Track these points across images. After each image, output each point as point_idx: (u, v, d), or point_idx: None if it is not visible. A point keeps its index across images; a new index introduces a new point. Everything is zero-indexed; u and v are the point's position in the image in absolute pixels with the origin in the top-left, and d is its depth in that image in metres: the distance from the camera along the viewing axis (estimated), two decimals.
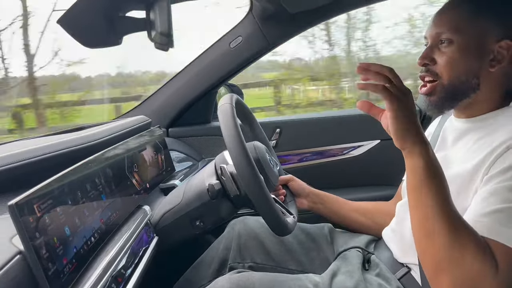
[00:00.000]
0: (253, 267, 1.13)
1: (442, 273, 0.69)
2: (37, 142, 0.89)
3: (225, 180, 0.99)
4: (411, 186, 0.75)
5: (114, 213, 0.85)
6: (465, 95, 0.87)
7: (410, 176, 0.75)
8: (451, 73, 0.86)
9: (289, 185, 1.25)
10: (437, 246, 0.69)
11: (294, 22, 1.49)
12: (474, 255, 0.67)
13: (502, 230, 0.69)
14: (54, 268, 0.61)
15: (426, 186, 0.72)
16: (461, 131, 0.92)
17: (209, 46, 1.61)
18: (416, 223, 0.74)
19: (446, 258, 0.68)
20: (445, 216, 0.70)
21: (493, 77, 0.86)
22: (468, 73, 0.86)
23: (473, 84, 0.86)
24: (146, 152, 1.13)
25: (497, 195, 0.72)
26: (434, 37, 0.89)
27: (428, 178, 0.72)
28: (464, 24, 0.85)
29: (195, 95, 1.66)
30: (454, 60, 0.86)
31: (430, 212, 0.71)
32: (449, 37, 0.86)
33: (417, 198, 0.74)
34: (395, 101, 0.71)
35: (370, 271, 1.03)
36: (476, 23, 0.85)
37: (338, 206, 1.24)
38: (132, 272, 0.84)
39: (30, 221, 0.58)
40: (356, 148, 1.73)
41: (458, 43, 0.85)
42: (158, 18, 0.69)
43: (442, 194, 0.72)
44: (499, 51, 0.84)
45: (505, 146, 0.75)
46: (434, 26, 0.89)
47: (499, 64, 0.85)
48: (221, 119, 0.92)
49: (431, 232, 0.70)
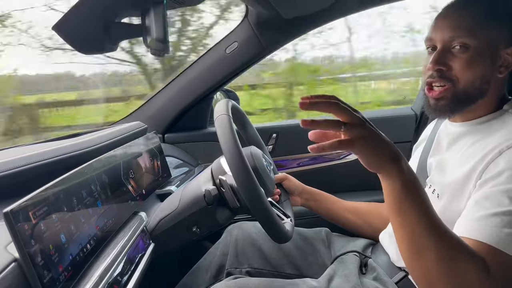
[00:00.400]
0: (251, 272, 1.13)
1: (438, 286, 0.67)
2: (33, 148, 0.89)
3: (224, 192, 0.99)
4: (392, 207, 0.71)
5: (110, 220, 0.85)
6: (474, 100, 0.85)
7: (389, 198, 0.71)
8: (468, 78, 0.83)
9: (283, 184, 1.26)
10: (428, 261, 0.68)
11: (289, 28, 1.50)
12: (465, 264, 0.66)
13: (495, 234, 0.68)
14: (49, 276, 0.60)
15: (408, 204, 0.69)
16: (455, 135, 0.92)
17: (205, 52, 1.61)
18: (403, 242, 0.72)
19: (437, 272, 0.67)
20: (432, 230, 0.68)
21: (499, 83, 0.86)
22: (483, 78, 0.84)
23: (484, 90, 0.85)
24: (142, 158, 1.13)
25: (490, 199, 0.72)
26: (446, 40, 0.85)
27: (408, 197, 0.69)
28: (478, 28, 0.82)
29: (191, 101, 1.66)
30: (471, 65, 0.83)
31: (416, 229, 0.68)
32: (465, 42, 0.82)
33: (400, 218, 0.70)
34: (355, 146, 0.66)
35: (367, 275, 1.03)
36: (488, 28, 0.82)
37: (330, 204, 1.25)
38: (129, 279, 0.83)
39: (25, 229, 0.58)
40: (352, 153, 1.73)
41: (475, 48, 0.82)
42: (153, 24, 0.70)
43: (425, 209, 0.69)
44: (506, 57, 0.84)
45: (498, 150, 0.75)
46: (444, 29, 0.85)
47: (506, 70, 0.84)
48: (219, 132, 0.91)
49: (420, 248, 0.68)
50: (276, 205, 1.14)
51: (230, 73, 1.60)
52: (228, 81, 1.64)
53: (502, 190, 0.71)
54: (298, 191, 1.26)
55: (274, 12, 1.36)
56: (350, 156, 1.74)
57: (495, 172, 0.74)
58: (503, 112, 0.86)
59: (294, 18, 1.44)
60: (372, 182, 1.66)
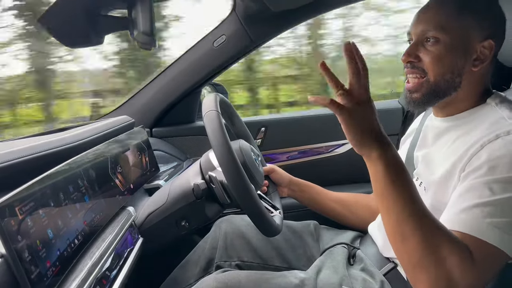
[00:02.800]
0: (240, 266, 1.14)
1: (420, 272, 0.69)
2: (18, 143, 0.87)
3: (214, 188, 0.99)
4: (377, 192, 0.75)
5: (97, 214, 0.84)
6: (446, 93, 0.87)
7: (373, 182, 0.75)
8: (437, 71, 0.86)
9: (271, 176, 1.27)
10: (412, 247, 0.70)
11: (277, 21, 1.50)
12: (449, 252, 0.68)
13: (477, 224, 0.70)
14: (37, 271, 0.60)
15: (391, 190, 0.72)
16: (440, 130, 0.93)
17: (192, 45, 1.60)
18: (389, 227, 0.75)
19: (422, 258, 0.69)
20: (416, 217, 0.71)
21: (474, 76, 0.87)
22: (453, 71, 0.85)
23: (456, 83, 0.86)
24: (130, 153, 1.12)
25: (472, 191, 0.74)
26: (419, 34, 0.88)
27: (391, 182, 0.72)
28: (450, 22, 0.84)
29: (179, 95, 1.65)
30: (440, 58, 0.85)
31: (400, 216, 0.71)
32: (435, 35, 0.85)
33: (385, 204, 0.74)
34: (344, 113, 0.71)
35: (355, 265, 1.05)
36: (461, 22, 0.84)
37: (317, 195, 1.27)
38: (117, 274, 0.83)
39: (11, 224, 0.57)
40: (340, 146, 1.74)
41: (445, 42, 0.84)
42: (140, 17, 0.69)
43: (409, 195, 0.72)
44: (482, 51, 0.85)
45: (480, 144, 0.77)
46: (419, 23, 0.88)
47: (481, 64, 0.86)
48: (208, 129, 0.91)
49: (405, 234, 0.71)
50: (264, 197, 1.15)
51: (218, 67, 1.59)
52: (216, 74, 1.64)
53: (483, 182, 0.73)
54: (285, 183, 1.27)
55: (262, 5, 1.35)
56: (338, 149, 1.75)
57: (477, 165, 0.76)
58: (485, 106, 0.87)
59: (283, 11, 1.44)
60: (360, 175, 1.68)
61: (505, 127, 0.77)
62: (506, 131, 0.76)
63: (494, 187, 0.72)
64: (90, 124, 1.19)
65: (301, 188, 1.28)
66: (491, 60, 0.87)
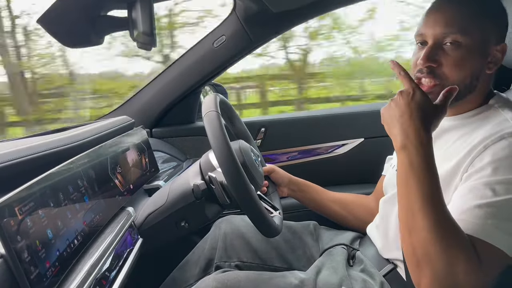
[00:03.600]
0: (240, 266, 1.14)
1: (425, 267, 0.69)
2: (19, 143, 0.87)
3: (214, 189, 0.98)
4: (400, 179, 0.76)
5: (97, 215, 0.84)
6: (462, 96, 0.85)
7: (399, 169, 0.76)
8: (458, 76, 0.83)
9: (271, 176, 1.27)
10: (421, 240, 0.70)
11: (277, 21, 1.49)
12: (458, 251, 0.67)
13: (480, 225, 0.70)
14: (36, 272, 0.60)
15: (412, 180, 0.73)
16: (442, 129, 0.92)
17: (192, 46, 1.60)
18: (402, 215, 0.75)
19: (429, 252, 0.68)
20: (430, 211, 0.70)
21: (487, 79, 0.87)
22: (473, 76, 0.84)
23: (473, 86, 0.85)
24: (130, 153, 1.12)
25: (474, 192, 0.74)
26: (438, 37, 0.84)
27: (414, 173, 0.73)
28: (471, 25, 0.82)
29: (179, 95, 1.65)
30: (462, 64, 0.82)
31: (415, 206, 0.71)
32: (457, 39, 0.82)
33: (403, 192, 0.75)
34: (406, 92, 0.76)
35: (355, 267, 1.05)
36: (482, 24, 0.82)
37: (316, 195, 1.27)
38: (117, 275, 0.83)
39: (11, 224, 0.57)
40: (341, 147, 1.74)
41: (467, 46, 0.82)
42: (140, 17, 0.69)
43: (429, 189, 0.71)
44: (495, 54, 0.85)
45: (483, 145, 0.77)
46: (436, 24, 0.84)
47: (495, 67, 0.85)
48: (208, 130, 0.90)
49: (415, 226, 0.71)
50: (264, 198, 1.15)
51: (218, 67, 1.59)
52: (216, 75, 1.63)
53: (485, 183, 0.73)
54: (285, 183, 1.27)
55: (262, 5, 1.35)
56: (338, 150, 1.75)
57: (479, 166, 0.76)
58: (489, 107, 0.87)
59: (283, 11, 1.43)
60: (359, 176, 1.69)
61: (508, 129, 0.77)
62: (509, 133, 0.76)
63: (497, 188, 0.72)
64: (90, 124, 1.19)
65: (300, 188, 1.28)
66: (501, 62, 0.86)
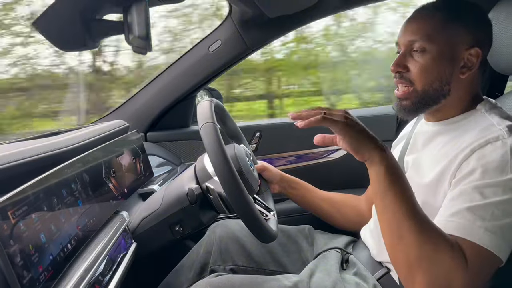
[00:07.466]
0: (234, 270, 1.13)
1: (416, 272, 0.71)
2: (12, 147, 0.87)
3: (212, 199, 0.98)
4: (377, 193, 0.78)
5: (91, 219, 0.84)
6: (436, 101, 0.89)
7: (374, 185, 0.78)
8: (425, 81, 0.88)
9: (263, 174, 1.27)
10: (408, 247, 0.72)
11: (273, 26, 1.50)
12: (445, 253, 0.70)
13: (469, 228, 0.72)
14: (29, 276, 0.59)
15: (391, 192, 0.75)
16: (430, 134, 0.95)
17: (187, 50, 1.60)
18: (386, 228, 0.77)
19: (418, 257, 0.71)
20: (412, 218, 0.73)
21: (463, 83, 0.89)
22: (441, 80, 0.88)
23: (444, 91, 0.88)
24: (124, 157, 1.11)
25: (463, 195, 0.76)
26: (406, 44, 0.90)
27: (391, 184, 0.75)
28: (436, 32, 0.87)
29: (174, 99, 1.65)
30: (427, 68, 0.87)
31: (398, 216, 0.74)
32: (422, 46, 0.87)
33: (383, 205, 0.77)
34: (338, 124, 0.75)
35: (348, 270, 1.05)
36: (447, 31, 0.86)
37: (307, 192, 1.28)
38: (110, 279, 0.82)
39: (4, 228, 0.57)
40: (335, 151, 1.74)
41: (431, 52, 0.87)
42: (135, 21, 0.69)
43: (407, 196, 0.75)
44: (469, 58, 0.87)
45: (470, 149, 0.79)
46: (406, 33, 0.90)
47: (469, 71, 0.88)
48: (206, 142, 0.89)
49: (401, 234, 0.73)
50: (258, 199, 1.15)
51: (213, 72, 1.59)
52: (212, 79, 1.64)
53: (474, 186, 0.75)
54: (277, 180, 1.28)
55: (258, 10, 1.36)
56: (333, 155, 1.75)
57: (467, 171, 0.78)
58: (475, 112, 0.89)
59: (278, 17, 1.44)
60: (354, 180, 1.69)
61: (494, 133, 0.79)
62: (495, 137, 0.78)
63: (485, 191, 0.74)
64: (84, 128, 1.18)
65: (291, 185, 1.28)
66: (479, 67, 0.88)
